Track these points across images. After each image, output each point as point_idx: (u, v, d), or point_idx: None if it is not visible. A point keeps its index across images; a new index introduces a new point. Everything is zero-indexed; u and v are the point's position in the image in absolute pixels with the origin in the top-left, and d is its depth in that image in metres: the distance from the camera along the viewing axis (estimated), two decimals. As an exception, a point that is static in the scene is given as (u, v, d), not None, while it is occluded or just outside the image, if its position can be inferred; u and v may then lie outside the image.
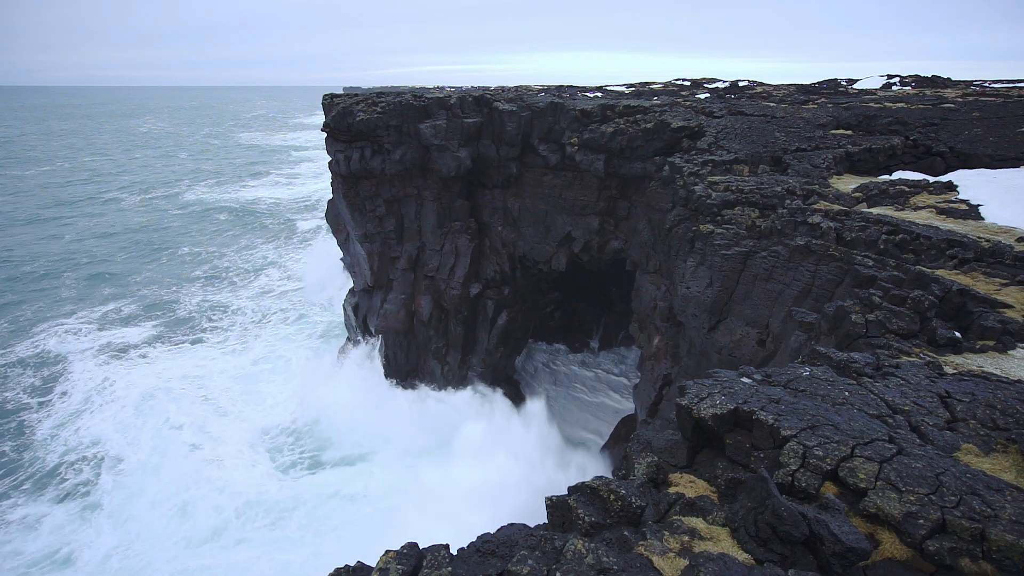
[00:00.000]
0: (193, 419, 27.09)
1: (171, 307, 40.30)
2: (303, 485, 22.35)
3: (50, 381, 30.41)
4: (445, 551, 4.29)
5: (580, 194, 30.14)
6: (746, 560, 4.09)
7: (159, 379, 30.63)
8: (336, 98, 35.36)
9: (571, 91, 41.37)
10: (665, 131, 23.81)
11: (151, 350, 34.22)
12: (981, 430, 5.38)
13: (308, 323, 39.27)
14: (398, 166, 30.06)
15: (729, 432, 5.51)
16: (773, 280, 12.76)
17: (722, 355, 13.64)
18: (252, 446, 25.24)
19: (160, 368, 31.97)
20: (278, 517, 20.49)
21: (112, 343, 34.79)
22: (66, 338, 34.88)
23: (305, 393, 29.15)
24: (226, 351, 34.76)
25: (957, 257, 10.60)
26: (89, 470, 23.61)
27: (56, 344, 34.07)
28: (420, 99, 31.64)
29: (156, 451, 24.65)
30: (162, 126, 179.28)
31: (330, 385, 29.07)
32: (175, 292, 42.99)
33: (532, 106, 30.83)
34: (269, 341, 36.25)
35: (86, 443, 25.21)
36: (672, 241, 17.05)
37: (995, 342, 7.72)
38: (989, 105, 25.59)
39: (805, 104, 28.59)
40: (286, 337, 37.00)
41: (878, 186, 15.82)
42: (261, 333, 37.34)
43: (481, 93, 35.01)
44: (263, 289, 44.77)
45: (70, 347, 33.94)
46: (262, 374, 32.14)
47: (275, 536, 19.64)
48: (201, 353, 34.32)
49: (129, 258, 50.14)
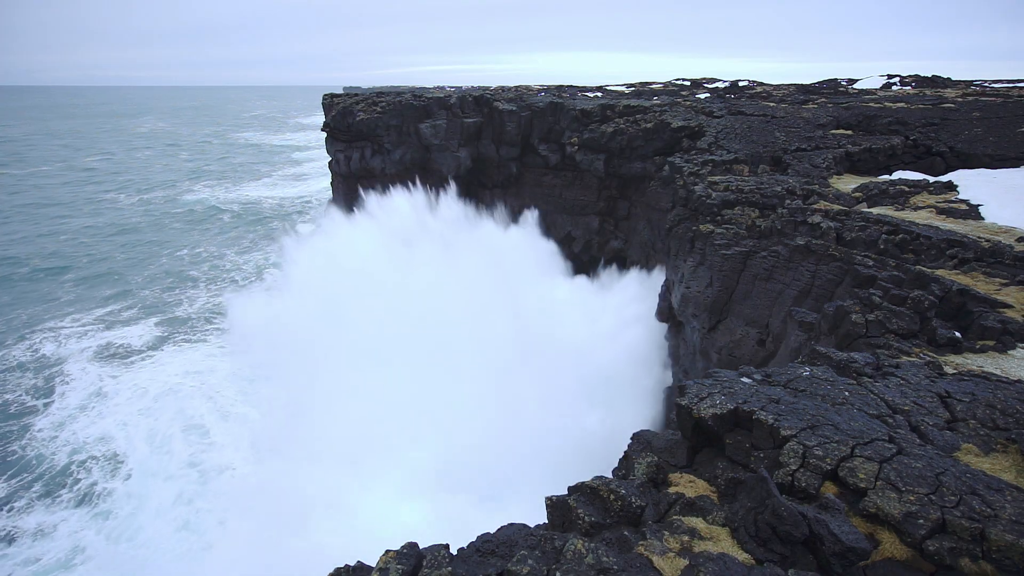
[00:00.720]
0: (196, 419, 27.11)
1: (172, 308, 40.29)
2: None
3: (50, 382, 30.37)
4: (445, 551, 4.30)
5: (580, 194, 30.16)
6: (746, 560, 4.09)
7: (161, 379, 30.65)
8: (336, 98, 35.40)
9: (571, 91, 41.38)
10: (665, 131, 23.81)
11: (151, 351, 34.25)
12: (981, 430, 5.38)
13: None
14: (398, 166, 30.07)
15: (729, 432, 5.51)
16: (773, 280, 12.76)
17: (722, 355, 13.64)
18: (253, 444, 25.28)
19: (161, 369, 31.98)
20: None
21: (112, 343, 34.81)
22: (66, 340, 34.86)
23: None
24: (227, 351, 34.74)
25: (957, 257, 10.60)
26: (98, 471, 23.64)
27: (54, 347, 34.04)
28: (420, 99, 31.67)
29: (161, 451, 24.68)
30: (162, 126, 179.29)
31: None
32: (176, 293, 43.00)
33: (532, 106, 30.85)
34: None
35: (92, 442, 25.23)
36: (672, 241, 17.06)
37: (995, 342, 7.72)
38: (989, 105, 25.60)
39: (805, 104, 28.60)
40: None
41: (878, 186, 15.83)
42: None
43: (481, 93, 35.03)
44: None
45: (70, 348, 33.92)
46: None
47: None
48: (203, 351, 34.34)
49: (129, 258, 50.14)
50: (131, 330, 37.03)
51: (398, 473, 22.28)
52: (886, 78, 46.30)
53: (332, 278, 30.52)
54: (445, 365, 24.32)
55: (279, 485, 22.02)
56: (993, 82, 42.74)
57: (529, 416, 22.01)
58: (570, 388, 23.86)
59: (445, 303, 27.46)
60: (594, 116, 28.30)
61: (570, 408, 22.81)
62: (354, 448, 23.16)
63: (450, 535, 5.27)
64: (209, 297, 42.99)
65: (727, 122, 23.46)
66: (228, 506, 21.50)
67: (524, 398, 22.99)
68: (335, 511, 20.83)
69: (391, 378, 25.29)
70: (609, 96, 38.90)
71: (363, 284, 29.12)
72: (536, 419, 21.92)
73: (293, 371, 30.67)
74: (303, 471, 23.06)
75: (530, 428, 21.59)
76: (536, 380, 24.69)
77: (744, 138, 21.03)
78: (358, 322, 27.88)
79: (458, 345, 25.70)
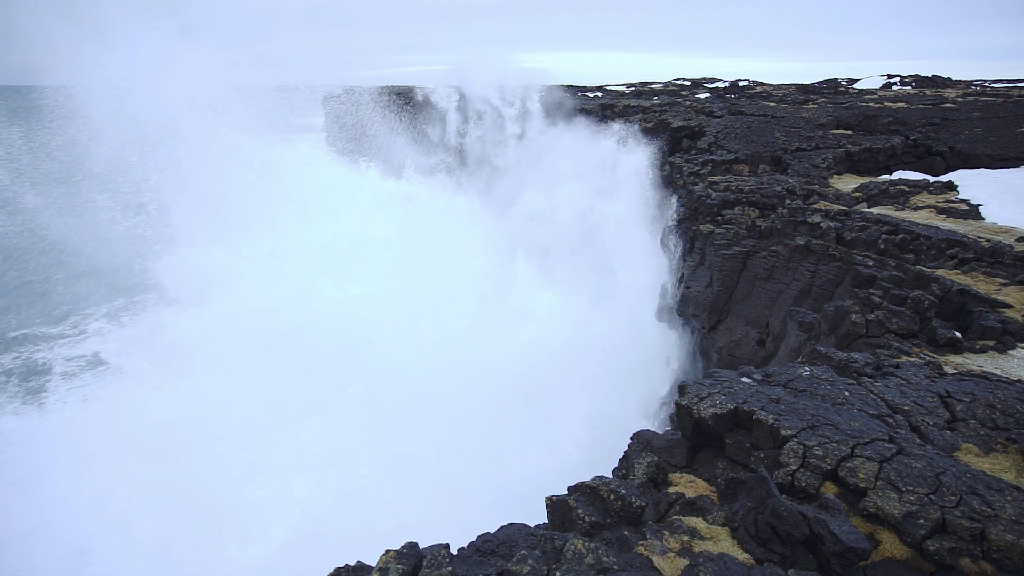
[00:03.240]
0: (199, 418, 27.02)
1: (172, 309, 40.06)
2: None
3: (38, 391, 29.62)
4: (445, 551, 4.30)
5: (580, 194, 30.12)
6: (746, 560, 4.09)
7: (161, 379, 30.49)
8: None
9: (571, 91, 41.42)
10: (665, 131, 23.81)
11: (153, 351, 34.04)
12: (981, 430, 5.38)
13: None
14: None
15: (729, 432, 5.52)
16: (773, 280, 12.76)
17: (722, 355, 13.64)
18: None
19: (161, 369, 31.79)
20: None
21: (108, 345, 34.53)
22: (58, 343, 34.41)
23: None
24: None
25: (957, 257, 10.60)
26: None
27: (44, 352, 33.52)
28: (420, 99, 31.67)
29: (164, 451, 24.56)
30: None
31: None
32: (177, 295, 42.70)
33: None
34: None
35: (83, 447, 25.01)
36: (672, 241, 17.06)
37: (995, 342, 7.73)
38: (989, 105, 25.60)
39: (805, 104, 28.60)
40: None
41: (878, 186, 15.83)
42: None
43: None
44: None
45: (64, 352, 33.59)
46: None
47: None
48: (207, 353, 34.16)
49: (128, 259, 49.87)
50: (128, 331, 36.66)
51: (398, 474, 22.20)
52: (886, 78, 46.33)
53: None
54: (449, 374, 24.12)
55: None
56: (993, 82, 42.75)
57: (530, 415, 21.96)
58: (570, 389, 23.82)
59: (446, 303, 27.48)
60: (594, 116, 28.34)
61: (571, 408, 22.78)
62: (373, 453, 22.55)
63: (450, 535, 5.27)
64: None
65: (727, 122, 23.46)
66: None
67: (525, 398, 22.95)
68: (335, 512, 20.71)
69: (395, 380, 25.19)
70: (609, 96, 38.93)
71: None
72: (537, 418, 21.87)
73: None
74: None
75: (531, 428, 21.54)
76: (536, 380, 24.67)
77: (744, 138, 21.03)
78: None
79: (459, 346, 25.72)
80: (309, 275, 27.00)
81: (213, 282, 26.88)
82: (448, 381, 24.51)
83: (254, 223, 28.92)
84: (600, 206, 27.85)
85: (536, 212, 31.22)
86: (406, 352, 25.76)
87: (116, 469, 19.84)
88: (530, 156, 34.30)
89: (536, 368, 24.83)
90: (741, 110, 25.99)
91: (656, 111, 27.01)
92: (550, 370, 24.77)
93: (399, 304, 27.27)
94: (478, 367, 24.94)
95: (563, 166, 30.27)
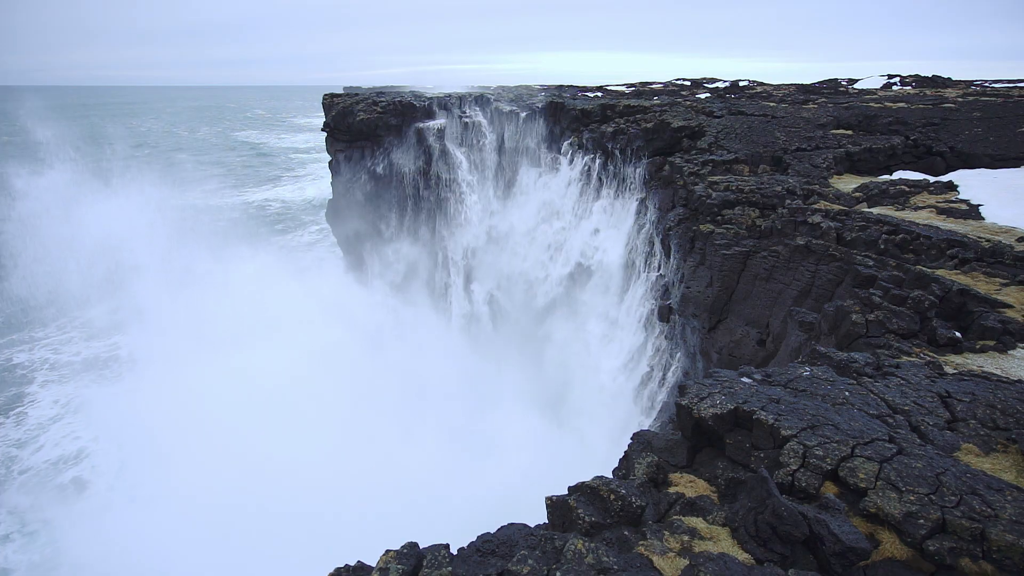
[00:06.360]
0: (198, 419, 27.03)
1: (171, 309, 39.99)
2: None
3: (22, 398, 29.49)
4: (445, 551, 4.30)
5: (580, 194, 30.07)
6: (746, 560, 4.09)
7: (158, 381, 30.49)
8: (336, 98, 35.39)
9: (571, 91, 41.38)
10: (665, 131, 23.79)
11: (152, 352, 34.03)
12: (981, 430, 5.38)
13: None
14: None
15: (729, 432, 5.51)
16: (773, 280, 12.76)
17: (722, 355, 13.64)
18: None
19: (160, 370, 31.78)
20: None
21: (103, 349, 34.39)
22: (47, 348, 34.18)
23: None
24: (228, 354, 34.56)
25: (957, 257, 10.59)
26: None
27: (29, 356, 33.26)
28: (421, 99, 31.65)
29: (163, 448, 24.62)
30: (162, 126, 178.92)
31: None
32: (177, 295, 42.66)
33: (532, 106, 30.86)
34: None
35: (72, 456, 24.95)
36: (672, 241, 17.05)
37: (995, 342, 7.72)
38: (989, 105, 25.58)
39: (805, 104, 28.58)
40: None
41: (878, 186, 15.82)
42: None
43: (481, 93, 35.04)
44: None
45: (59, 357, 33.49)
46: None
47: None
48: (204, 357, 34.10)
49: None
50: (124, 336, 36.29)
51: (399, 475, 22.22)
52: (886, 78, 46.27)
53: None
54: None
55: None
56: (993, 82, 42.69)
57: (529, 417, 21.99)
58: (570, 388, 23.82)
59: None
60: (594, 116, 28.31)
61: (570, 407, 22.77)
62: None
63: (450, 535, 5.27)
64: (212, 301, 42.65)
65: (727, 122, 23.44)
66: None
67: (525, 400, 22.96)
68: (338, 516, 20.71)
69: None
70: (609, 96, 38.91)
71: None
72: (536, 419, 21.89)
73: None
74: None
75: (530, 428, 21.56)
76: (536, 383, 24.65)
77: (744, 138, 21.01)
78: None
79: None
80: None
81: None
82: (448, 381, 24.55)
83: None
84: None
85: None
86: (409, 350, 25.76)
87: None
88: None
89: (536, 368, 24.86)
90: (741, 110, 25.95)
91: (656, 111, 26.99)
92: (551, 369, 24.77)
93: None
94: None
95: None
